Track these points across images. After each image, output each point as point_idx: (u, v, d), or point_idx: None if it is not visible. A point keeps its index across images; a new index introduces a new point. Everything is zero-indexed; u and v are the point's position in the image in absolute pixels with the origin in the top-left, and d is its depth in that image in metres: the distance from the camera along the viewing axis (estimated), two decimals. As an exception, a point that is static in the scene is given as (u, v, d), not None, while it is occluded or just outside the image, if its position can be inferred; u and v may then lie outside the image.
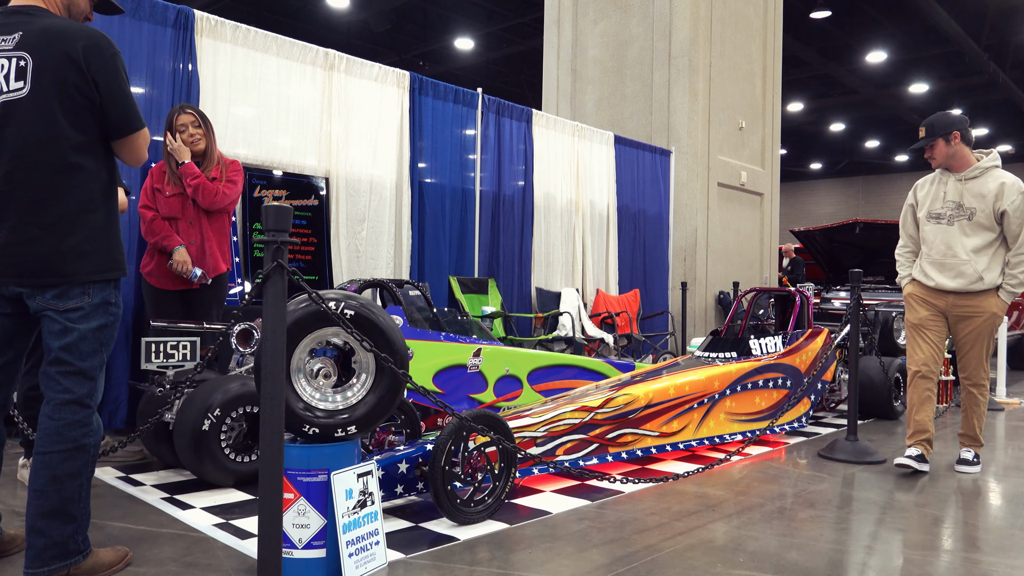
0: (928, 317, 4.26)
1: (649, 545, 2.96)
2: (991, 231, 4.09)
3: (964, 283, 4.13)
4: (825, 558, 2.86)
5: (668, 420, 4.35)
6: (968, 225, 4.11)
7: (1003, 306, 4.15)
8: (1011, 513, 3.51)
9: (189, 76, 5.16)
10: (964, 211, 4.12)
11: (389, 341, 2.63)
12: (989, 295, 4.12)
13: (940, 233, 4.19)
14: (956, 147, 4.13)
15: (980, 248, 4.09)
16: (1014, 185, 4.07)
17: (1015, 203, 4.02)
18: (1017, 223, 4.03)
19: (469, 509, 3.15)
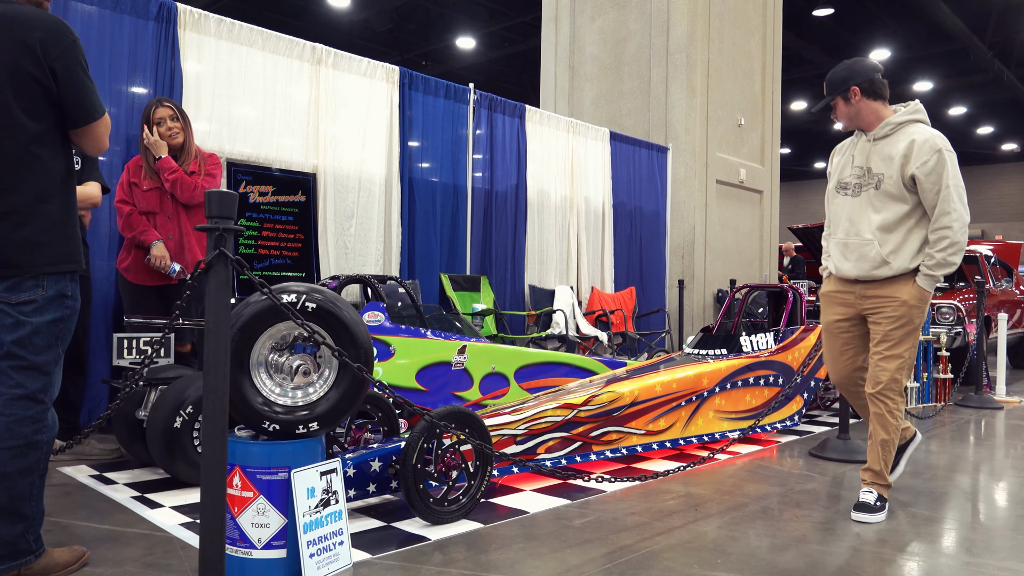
0: (836, 320, 3.51)
1: (625, 546, 2.87)
2: (902, 202, 3.24)
3: (866, 268, 3.31)
4: (807, 559, 2.77)
5: (655, 418, 4.26)
6: (875, 196, 3.29)
7: (920, 295, 3.25)
8: (1005, 514, 3.41)
9: (172, 70, 5.09)
10: (871, 178, 3.30)
11: (352, 336, 2.55)
12: (901, 282, 3.28)
13: (845, 207, 3.40)
14: (859, 104, 3.33)
15: (888, 225, 3.26)
16: (927, 143, 3.17)
17: (928, 164, 3.15)
18: (932, 190, 3.17)
19: (442, 508, 3.07)
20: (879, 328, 3.33)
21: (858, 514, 3.26)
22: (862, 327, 3.47)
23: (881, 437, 3.33)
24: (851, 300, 3.45)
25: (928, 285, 3.26)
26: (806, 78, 21.84)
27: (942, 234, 3.19)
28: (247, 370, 2.50)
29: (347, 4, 17.44)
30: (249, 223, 5.52)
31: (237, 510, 2.47)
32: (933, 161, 3.15)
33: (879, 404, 3.33)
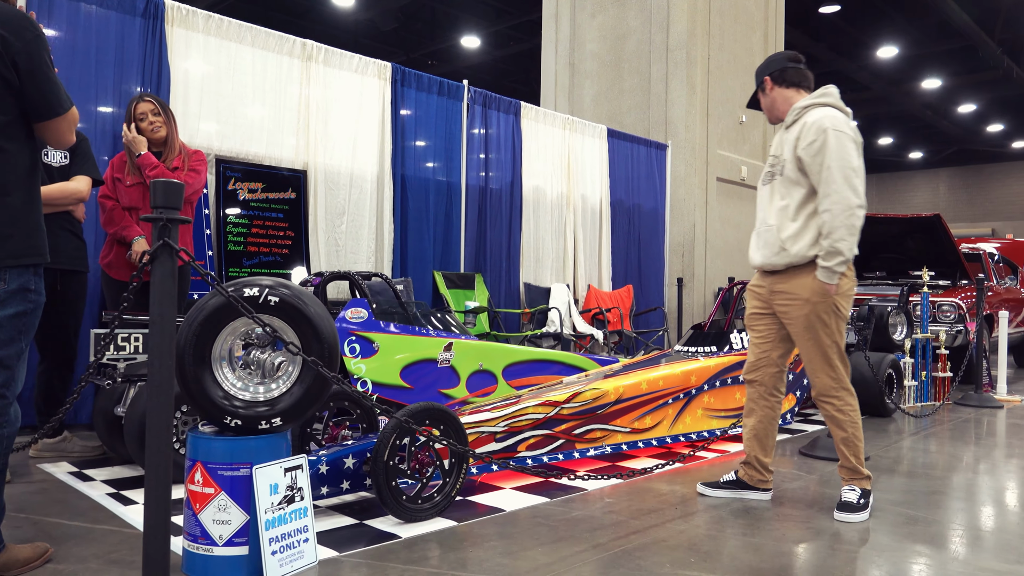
0: (752, 313, 3.45)
1: (599, 544, 2.83)
2: (800, 187, 3.14)
3: (767, 255, 3.22)
4: (782, 558, 2.71)
5: (640, 416, 4.21)
6: (780, 182, 3.23)
7: (820, 289, 3.08)
8: (993, 514, 3.35)
9: (159, 67, 5.08)
10: (779, 165, 3.24)
11: (316, 331, 2.51)
12: (802, 273, 3.14)
13: (763, 197, 3.36)
14: (772, 94, 3.33)
15: (789, 210, 3.15)
16: (815, 123, 3.07)
17: (814, 145, 3.04)
18: (815, 169, 3.03)
19: (416, 506, 3.03)
20: (792, 332, 3.24)
21: (841, 514, 3.16)
22: (773, 319, 3.36)
23: (840, 436, 3.25)
24: (764, 294, 3.35)
25: (826, 277, 3.05)
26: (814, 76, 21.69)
27: (824, 218, 3.03)
28: (208, 364, 2.46)
29: (351, 3, 17.43)
30: (238, 220, 5.50)
31: (199, 506, 2.43)
32: (819, 142, 3.03)
33: (825, 406, 3.26)
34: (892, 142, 27.69)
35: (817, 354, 3.19)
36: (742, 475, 3.48)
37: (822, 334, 3.15)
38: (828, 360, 3.19)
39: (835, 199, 2.99)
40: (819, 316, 3.13)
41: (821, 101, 3.22)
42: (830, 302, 3.12)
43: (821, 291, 3.09)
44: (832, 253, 3.01)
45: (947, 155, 28.20)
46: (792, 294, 3.18)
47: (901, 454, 4.49)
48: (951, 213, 28.68)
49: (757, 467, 3.45)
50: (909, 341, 6.25)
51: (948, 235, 7.74)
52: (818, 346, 3.17)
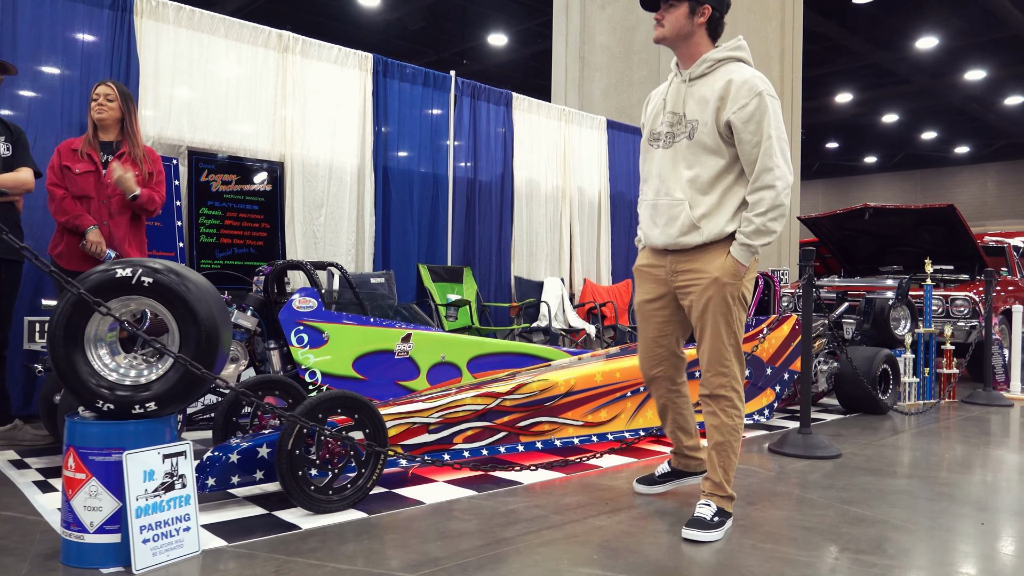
0: (647, 299, 2.98)
1: (504, 539, 2.69)
2: (718, 156, 2.69)
3: (674, 235, 2.75)
4: (689, 555, 2.54)
5: (595, 409, 4.05)
6: (688, 147, 2.72)
7: (734, 269, 2.72)
8: (940, 516, 3.12)
9: (128, 58, 5.07)
10: (684, 126, 2.73)
11: (193, 314, 2.41)
12: (713, 252, 2.74)
13: (656, 162, 2.84)
14: (697, 27, 2.78)
15: (702, 183, 2.71)
16: (746, 83, 2.64)
17: (747, 109, 2.61)
18: (751, 141, 2.62)
19: (324, 497, 2.92)
20: (692, 315, 2.82)
21: (689, 531, 2.69)
22: (670, 307, 2.95)
23: (716, 441, 2.81)
24: (663, 276, 2.89)
25: (744, 257, 2.71)
26: (851, 69, 21.13)
27: (762, 195, 2.65)
28: (81, 346, 2.39)
29: (377, 3, 17.48)
30: (211, 212, 5.48)
31: (71, 492, 2.37)
32: (753, 105, 2.60)
33: (711, 404, 2.83)
34: (936, 136, 26.84)
35: (715, 344, 2.77)
36: (676, 464, 3.25)
37: (725, 321, 2.76)
38: (724, 354, 2.77)
39: (778, 175, 2.64)
40: (726, 300, 2.74)
41: (739, 55, 2.80)
42: (739, 285, 2.76)
43: (735, 271, 2.73)
44: (762, 232, 2.68)
45: (995, 149, 27.24)
46: (700, 272, 2.76)
47: (878, 452, 4.26)
48: (1001, 209, 27.70)
49: (687, 453, 3.21)
50: (910, 336, 5.97)
51: (964, 227, 7.39)
52: (717, 335, 2.77)
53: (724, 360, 2.78)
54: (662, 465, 3.27)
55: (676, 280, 2.85)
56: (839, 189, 31.03)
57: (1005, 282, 8.06)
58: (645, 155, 2.92)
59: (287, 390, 3.59)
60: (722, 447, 2.81)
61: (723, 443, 2.81)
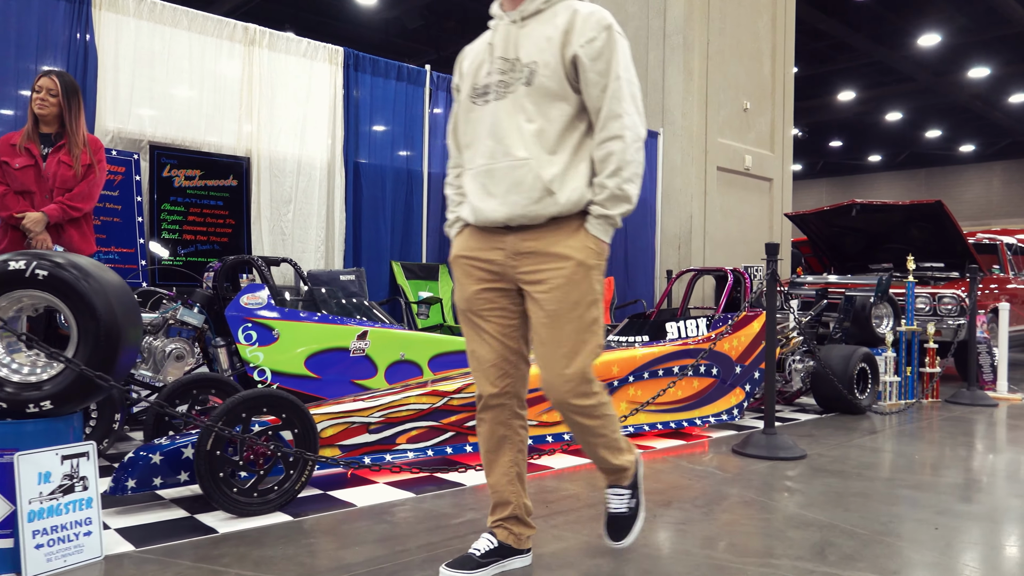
0: (478, 293, 2.28)
1: (427, 544, 2.57)
2: (565, 102, 2.17)
3: (522, 203, 2.15)
4: (616, 568, 2.42)
5: (550, 408, 3.92)
6: (528, 95, 2.16)
7: (597, 248, 2.17)
8: (894, 520, 2.98)
9: (85, 51, 4.98)
10: (520, 72, 2.18)
11: (91, 309, 2.30)
12: (568, 228, 2.16)
13: (487, 120, 2.23)
14: None
15: (549, 137, 2.16)
16: (593, 15, 2.17)
17: (596, 44, 2.12)
18: (598, 83, 2.13)
19: (248, 499, 2.81)
20: (541, 310, 2.16)
21: (613, 539, 2.38)
22: (512, 301, 2.27)
23: (590, 439, 2.28)
24: (499, 262, 2.23)
25: (603, 232, 2.17)
26: (854, 67, 20.93)
27: (610, 148, 2.12)
28: (-27, 342, 2.28)
29: (375, 2, 17.39)
30: (174, 207, 5.38)
31: (-38, 495, 2.26)
32: (602, 40, 2.13)
33: (574, 416, 2.21)
34: (941, 135, 26.58)
35: (575, 341, 2.15)
36: (505, 538, 2.33)
37: (589, 313, 2.16)
38: (588, 350, 2.17)
39: (627, 123, 2.13)
40: (590, 286, 2.16)
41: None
42: (603, 269, 2.22)
43: (598, 251, 2.17)
44: (619, 198, 2.13)
45: (1001, 148, 26.95)
46: (556, 255, 2.14)
47: (845, 453, 4.12)
48: (1007, 208, 27.42)
49: (523, 516, 2.36)
50: (891, 334, 5.82)
51: (953, 223, 7.23)
52: (579, 330, 2.15)
53: (585, 364, 2.17)
54: (483, 538, 2.34)
55: (520, 266, 2.19)
56: (843, 188, 30.77)
57: (999, 280, 7.90)
58: (467, 117, 2.30)
59: (224, 389, 3.48)
60: (601, 443, 2.29)
61: (599, 442, 2.28)
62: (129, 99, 5.18)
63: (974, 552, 2.59)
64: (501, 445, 2.33)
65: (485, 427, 2.35)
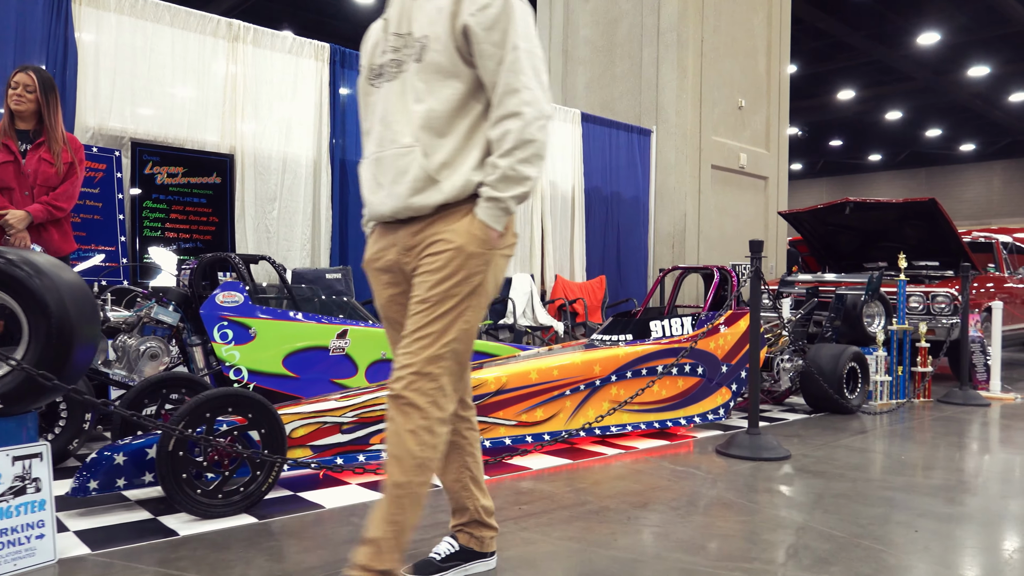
0: (389, 300, 2.11)
1: (392, 546, 2.51)
2: (457, 79, 1.95)
3: (404, 194, 1.95)
4: (570, 569, 2.36)
5: (530, 408, 3.86)
6: (418, 73, 1.96)
7: (483, 235, 1.92)
8: (886, 520, 2.92)
9: (66, 46, 4.93)
10: (411, 48, 1.98)
11: (42, 306, 2.24)
12: (457, 215, 1.94)
13: (379, 105, 2.05)
14: None
15: (438, 119, 1.95)
16: None
17: (489, 12, 1.91)
18: (493, 55, 1.91)
19: (212, 501, 2.75)
20: (416, 292, 1.93)
21: None
22: None
23: (392, 479, 1.85)
24: (394, 262, 2.04)
25: (493, 216, 1.91)
26: (854, 66, 20.86)
27: (507, 127, 1.89)
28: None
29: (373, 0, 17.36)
30: (156, 205, 5.32)
31: (-89, 496, 2.21)
32: (497, 7, 1.90)
33: (396, 414, 1.87)
34: (941, 134, 26.50)
35: (433, 330, 1.88)
36: (466, 542, 2.23)
37: (457, 303, 1.90)
38: (444, 344, 1.88)
39: (527, 98, 1.90)
40: (468, 275, 1.91)
41: None
42: (488, 258, 1.94)
43: (484, 238, 1.92)
44: (511, 180, 1.90)
45: (1001, 147, 26.87)
46: (438, 242, 1.93)
47: (830, 454, 4.05)
48: (1008, 207, 27.33)
49: (484, 519, 2.23)
50: (882, 333, 5.75)
51: (947, 221, 7.16)
52: (442, 318, 1.89)
53: (437, 359, 1.87)
54: (444, 543, 2.24)
55: (410, 262, 2.00)
56: (843, 188, 30.68)
57: (995, 279, 7.83)
58: (365, 101, 2.13)
59: (195, 388, 3.42)
60: (399, 491, 1.84)
61: (403, 484, 1.84)
62: (110, 95, 5.13)
63: (952, 556, 2.53)
64: (448, 452, 2.18)
65: None
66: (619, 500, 3.11)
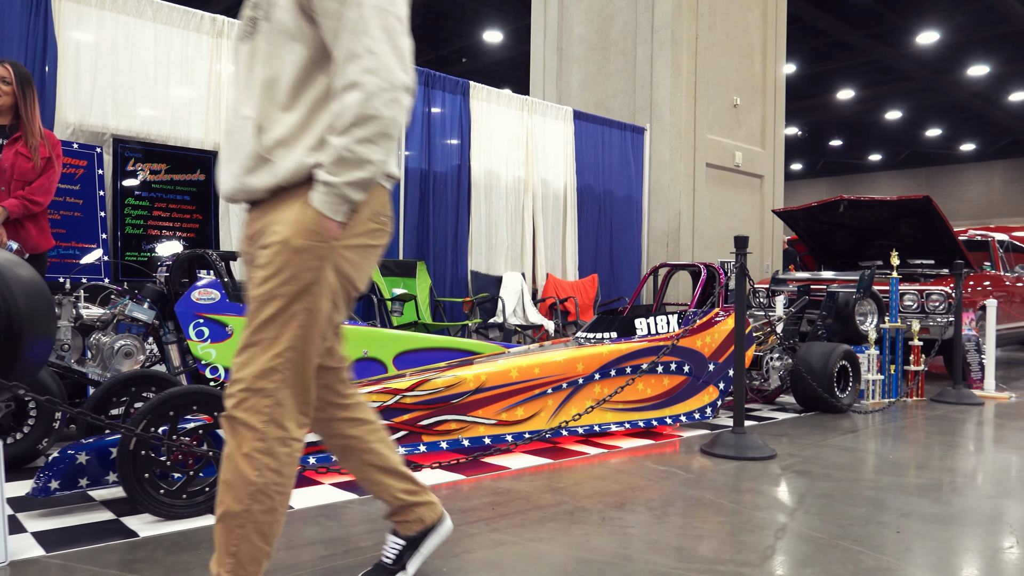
0: None
1: (358, 548, 2.44)
2: (301, 43, 1.68)
3: (237, 174, 1.72)
4: (536, 571, 2.29)
5: (510, 407, 3.80)
6: (266, 35, 1.72)
7: (310, 228, 1.64)
8: (868, 521, 2.84)
9: (45, 41, 4.87)
10: (262, 5, 1.74)
11: (-5, 296, 2.18)
12: (293, 200, 1.67)
13: (237, 68, 1.83)
14: None
15: (283, 88, 1.69)
16: None
17: None
18: (334, 11, 1.63)
19: (175, 501, 2.68)
20: (248, 291, 1.71)
21: None
22: None
23: (225, 507, 1.62)
24: (245, 252, 1.82)
25: (328, 206, 1.62)
26: (853, 66, 20.78)
27: (346, 100, 1.61)
28: None
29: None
30: (138, 202, 5.26)
31: None
32: None
33: (229, 436, 1.64)
34: (941, 134, 26.40)
35: (261, 337, 1.63)
36: (407, 530, 2.07)
37: (288, 310, 1.63)
38: (275, 354, 1.63)
39: (371, 64, 1.60)
40: (296, 276, 1.63)
41: None
42: (322, 253, 1.65)
43: (316, 228, 1.64)
44: (348, 162, 1.61)
45: (1001, 146, 26.77)
46: (271, 229, 1.68)
47: (817, 453, 3.98)
48: (1008, 207, 27.23)
49: (410, 500, 2.05)
50: (875, 332, 5.68)
51: (942, 219, 7.09)
52: (272, 330, 1.63)
53: (269, 373, 1.62)
54: (389, 543, 2.09)
55: (252, 254, 1.76)
56: (844, 187, 30.61)
57: (992, 277, 7.75)
58: (236, 63, 1.87)
59: (164, 386, 3.36)
60: (235, 520, 1.61)
61: (236, 514, 1.61)
62: (91, 91, 5.07)
63: (932, 557, 2.45)
64: (342, 456, 2.00)
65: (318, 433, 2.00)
66: (596, 500, 3.04)
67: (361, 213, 1.71)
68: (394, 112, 1.63)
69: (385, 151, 1.65)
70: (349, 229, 1.69)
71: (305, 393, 1.69)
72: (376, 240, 1.77)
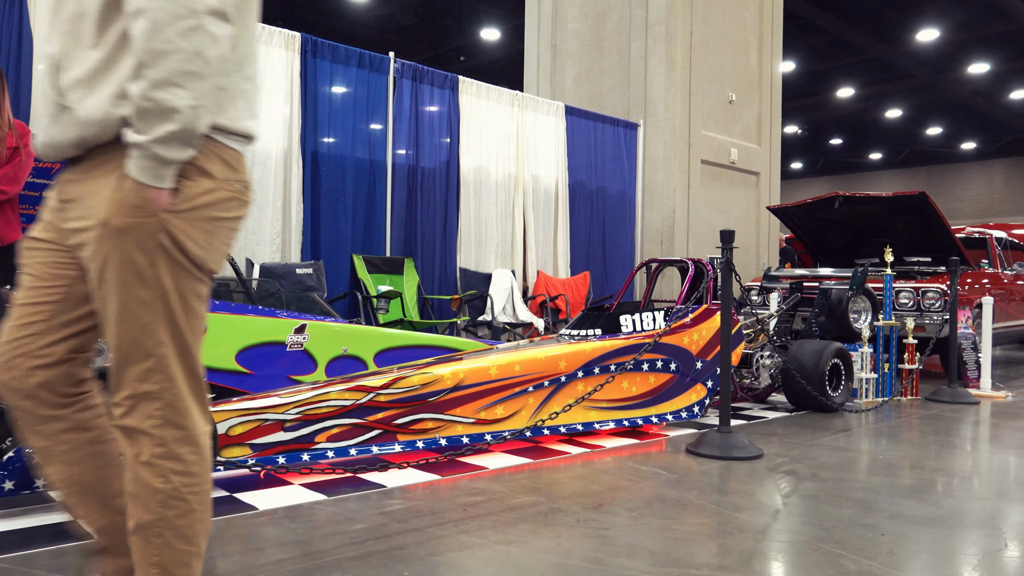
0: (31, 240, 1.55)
1: (317, 551, 2.35)
2: None
3: (44, 123, 1.45)
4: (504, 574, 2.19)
5: (489, 405, 3.70)
6: None
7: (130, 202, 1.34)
8: (852, 523, 2.75)
9: (20, 35, 4.77)
10: None
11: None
12: (106, 169, 1.39)
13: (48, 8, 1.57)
14: None
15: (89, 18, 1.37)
16: None
17: None
18: None
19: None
20: (95, 295, 1.43)
21: None
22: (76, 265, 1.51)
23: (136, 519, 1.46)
24: (53, 208, 1.54)
25: (146, 172, 1.33)
26: (853, 64, 20.67)
27: (136, 30, 1.30)
28: None
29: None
30: (117, 198, 5.17)
31: None
32: None
33: (125, 446, 1.45)
34: (941, 132, 26.27)
35: (130, 347, 1.41)
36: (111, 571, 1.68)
37: (141, 302, 1.39)
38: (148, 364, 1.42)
39: None
40: (127, 261, 1.37)
41: None
42: (151, 229, 1.37)
43: (136, 202, 1.35)
44: (152, 114, 1.30)
45: (1002, 145, 26.63)
46: (84, 210, 1.42)
47: (805, 453, 3.88)
48: (1009, 206, 27.11)
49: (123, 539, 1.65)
50: (868, 329, 5.58)
51: (938, 215, 6.99)
52: (132, 328, 1.40)
53: (148, 375, 1.42)
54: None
55: (65, 218, 1.49)
56: (844, 186, 30.49)
57: (990, 275, 7.65)
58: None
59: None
60: (151, 530, 1.44)
61: (152, 523, 1.44)
62: (68, 84, 4.97)
63: (917, 561, 2.36)
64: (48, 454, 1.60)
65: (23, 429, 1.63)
66: (573, 502, 2.94)
67: (196, 178, 1.40)
68: (196, 43, 1.29)
69: (195, 95, 1.31)
70: (182, 197, 1.39)
71: (195, 380, 1.48)
72: (226, 211, 1.46)
